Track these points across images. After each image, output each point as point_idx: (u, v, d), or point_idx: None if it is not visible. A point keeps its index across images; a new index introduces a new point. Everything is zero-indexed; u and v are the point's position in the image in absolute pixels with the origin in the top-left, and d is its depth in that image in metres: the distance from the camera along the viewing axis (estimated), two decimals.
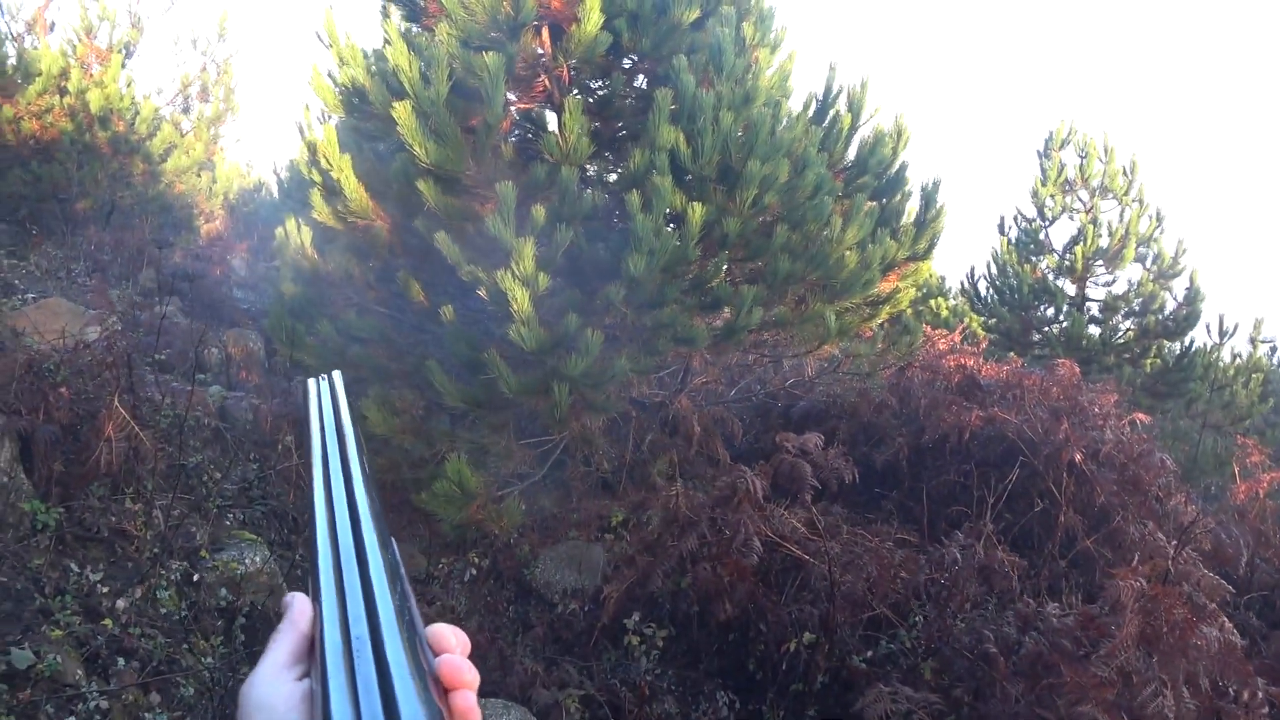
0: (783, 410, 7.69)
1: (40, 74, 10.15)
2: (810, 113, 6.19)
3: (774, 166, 5.10)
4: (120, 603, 4.44)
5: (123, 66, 10.87)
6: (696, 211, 4.70)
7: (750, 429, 7.40)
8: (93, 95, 10.23)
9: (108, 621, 4.28)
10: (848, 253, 5.71)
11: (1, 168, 10.24)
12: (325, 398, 1.01)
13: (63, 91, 10.29)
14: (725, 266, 5.31)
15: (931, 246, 6.40)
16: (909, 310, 6.95)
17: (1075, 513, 5.70)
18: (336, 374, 1.07)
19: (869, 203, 5.96)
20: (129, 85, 10.90)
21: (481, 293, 4.33)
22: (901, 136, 6.34)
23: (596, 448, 5.61)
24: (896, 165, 6.38)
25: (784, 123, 5.57)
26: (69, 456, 5.08)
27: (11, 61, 10.36)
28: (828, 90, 6.22)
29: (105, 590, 4.47)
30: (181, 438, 5.34)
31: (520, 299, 4.09)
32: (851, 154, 6.23)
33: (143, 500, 5.09)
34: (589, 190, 4.62)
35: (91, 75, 10.71)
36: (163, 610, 4.57)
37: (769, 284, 5.45)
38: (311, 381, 1.04)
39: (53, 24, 11.59)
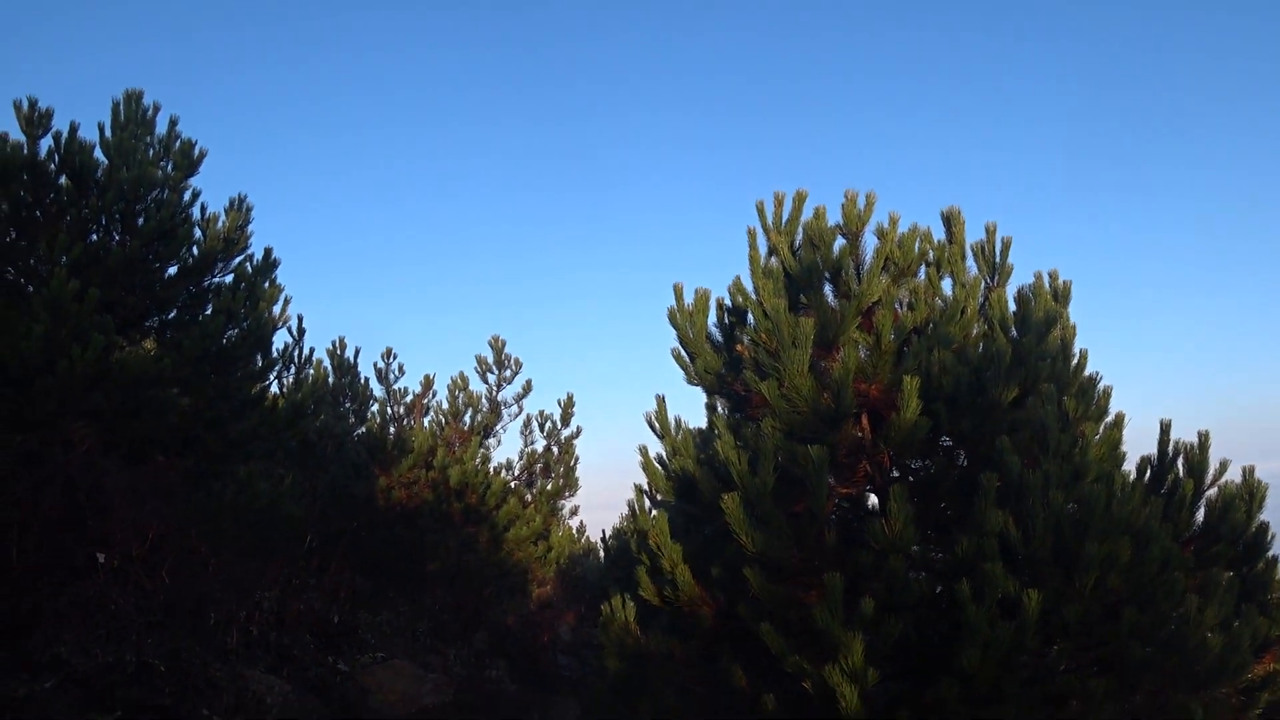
0: None
1: (413, 450, 11.86)
2: (1146, 479, 5.82)
3: (1113, 545, 4.77)
4: None
5: (480, 445, 12.50)
6: (1032, 598, 4.43)
7: None
8: (453, 471, 11.74)
9: None
10: (1209, 635, 5.05)
11: (371, 529, 11.78)
12: None
13: (428, 465, 11.91)
14: (1067, 656, 4.87)
15: None
16: None
17: None
18: None
19: (1226, 574, 5.35)
20: (484, 462, 12.46)
21: (806, 685, 4.23)
22: (1255, 495, 5.73)
23: None
24: (1254, 527, 5.73)
25: (1119, 495, 5.27)
26: None
27: (391, 439, 12.21)
28: (1162, 453, 5.88)
29: None
30: None
31: (849, 696, 3.94)
32: (1199, 520, 5.71)
33: None
34: (919, 576, 4.52)
35: (453, 452, 12.35)
36: None
37: (1119, 674, 4.90)
38: None
39: (428, 408, 13.70)
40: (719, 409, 5.92)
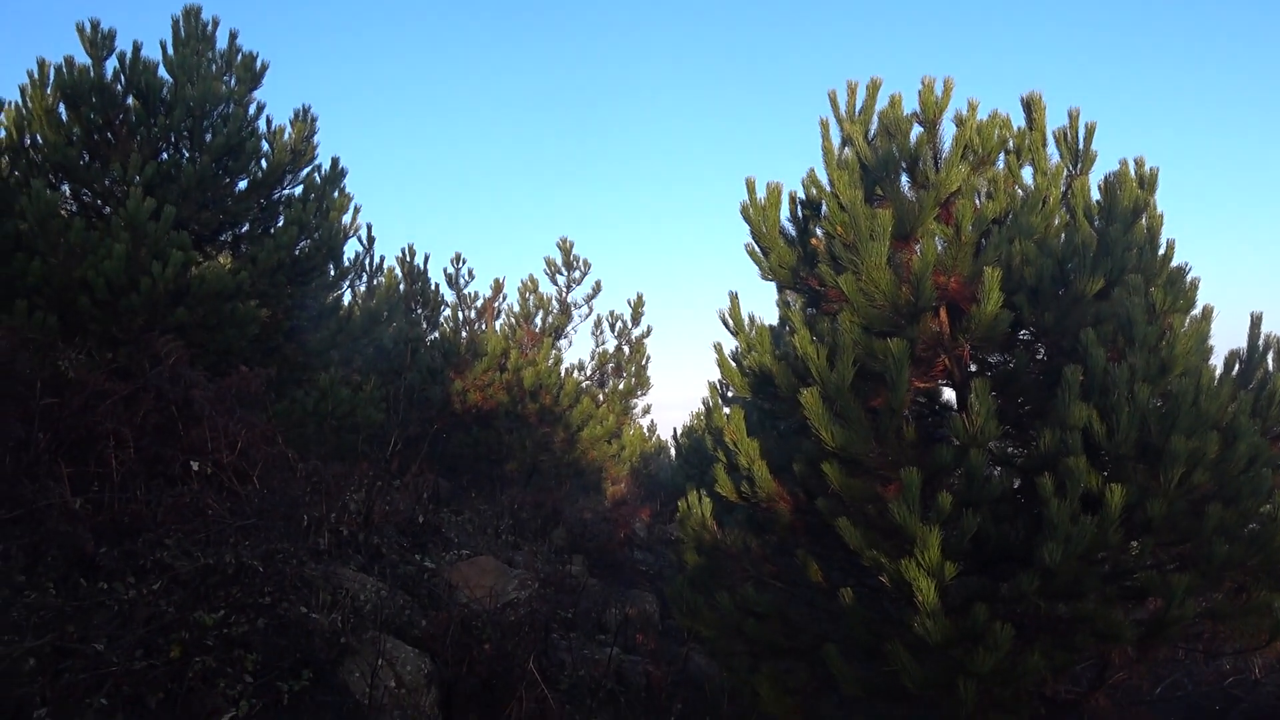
0: (1220, 713, 6.61)
1: (486, 354, 12.07)
2: (1234, 373, 5.65)
3: (1200, 440, 4.66)
4: None
5: (552, 347, 12.66)
6: (1116, 494, 4.36)
7: None
8: (526, 373, 11.95)
9: None
10: None
11: (449, 432, 12.10)
12: None
13: (502, 368, 12.13)
14: (1149, 552, 4.82)
15: None
16: None
17: None
18: None
19: None
20: (556, 363, 12.65)
21: (883, 579, 4.26)
22: None
23: None
24: None
25: (1207, 390, 5.12)
26: (484, 708, 5.50)
27: (464, 342, 12.42)
28: (1252, 347, 5.68)
29: None
30: (588, 704, 5.60)
31: (926, 590, 3.97)
32: None
33: None
34: (996, 471, 4.48)
35: (526, 354, 12.53)
36: None
37: (1202, 571, 4.84)
38: None
39: (499, 311, 13.87)
40: (792, 304, 5.85)
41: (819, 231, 5.68)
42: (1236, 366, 5.66)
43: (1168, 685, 6.86)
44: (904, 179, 5.44)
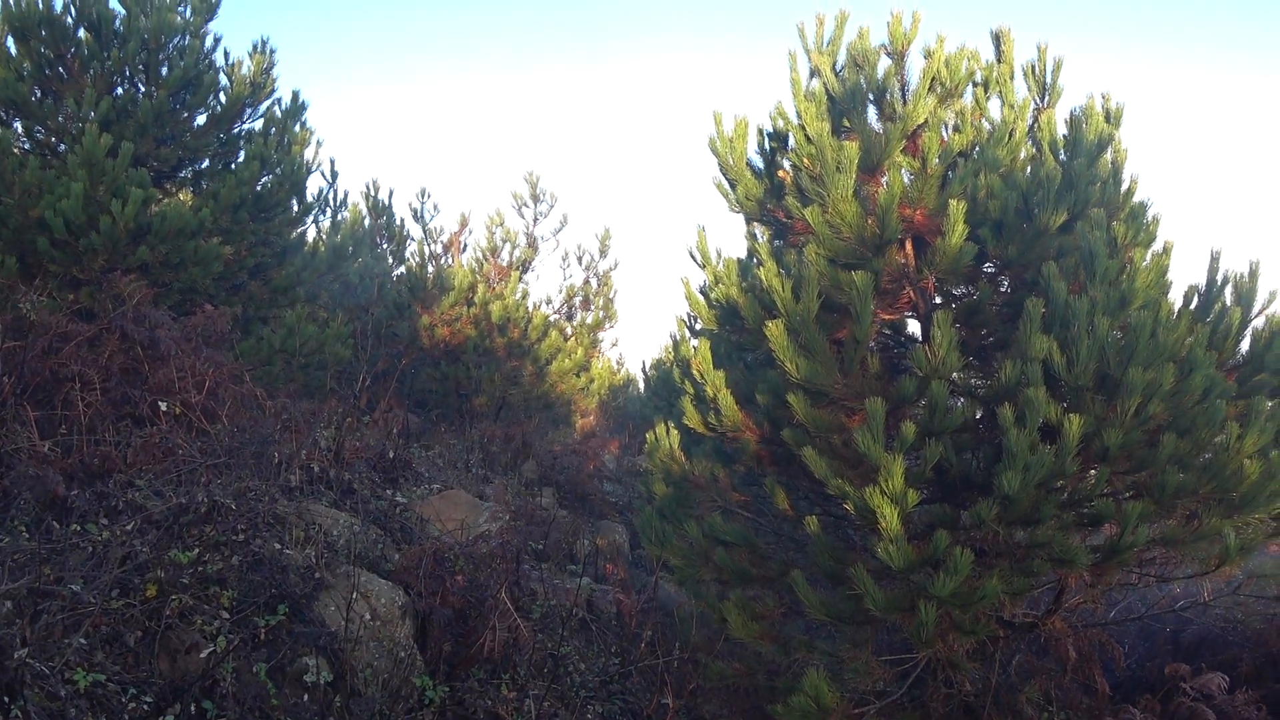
0: (1171, 634, 6.86)
1: (453, 288, 12.01)
2: (1192, 307, 5.77)
3: (1157, 371, 4.77)
4: None
5: (520, 281, 12.61)
6: (1074, 423, 4.48)
7: (1132, 653, 6.65)
8: (494, 306, 11.91)
9: None
10: (1247, 461, 5.11)
11: (417, 367, 12.09)
12: None
13: (469, 303, 12.09)
14: (1106, 480, 4.96)
15: None
16: None
17: None
18: None
19: (1269, 403, 5.35)
20: (523, 297, 12.62)
21: (848, 507, 4.37)
22: None
23: (961, 669, 5.29)
24: None
25: (1165, 323, 5.23)
26: (458, 639, 5.61)
27: (431, 277, 12.34)
28: (1210, 281, 5.79)
29: None
30: (559, 632, 5.72)
31: (889, 517, 4.08)
32: (1244, 349, 5.68)
33: (517, 688, 5.47)
34: (958, 402, 4.57)
35: (493, 289, 12.48)
36: None
37: (1156, 499, 4.99)
38: None
39: (465, 245, 13.76)
40: (759, 237, 5.88)
41: (786, 164, 5.68)
42: (1195, 300, 5.77)
43: (1122, 609, 7.10)
44: (871, 111, 5.44)
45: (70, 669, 3.99)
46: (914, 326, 5.90)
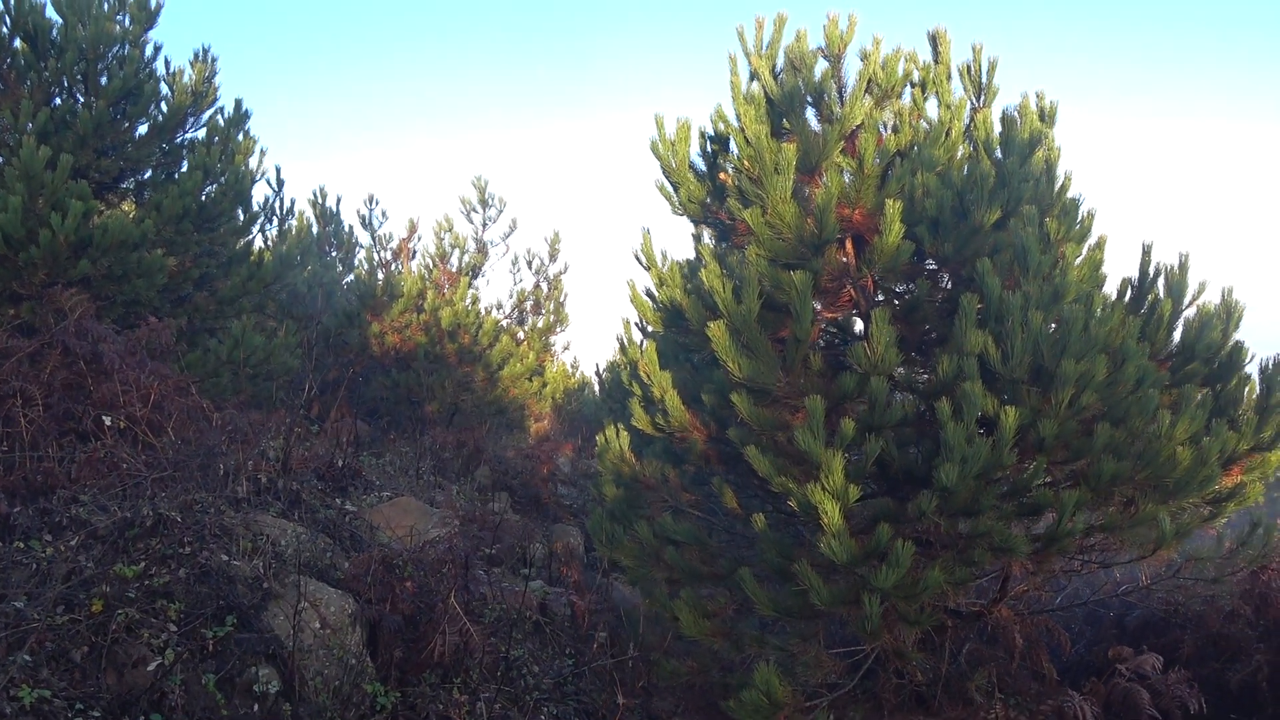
0: (1116, 619, 7.03)
1: (403, 295, 11.94)
2: (1126, 300, 5.92)
3: (1090, 363, 4.89)
4: None
5: (470, 286, 12.56)
6: (1010, 416, 4.59)
7: (1079, 638, 6.80)
8: (444, 312, 11.86)
9: None
10: (1180, 448, 5.25)
11: (368, 375, 11.99)
12: None
13: (419, 309, 12.02)
14: (1043, 471, 5.08)
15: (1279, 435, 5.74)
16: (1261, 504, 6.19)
17: None
18: None
19: (1200, 391, 5.51)
20: (474, 302, 12.57)
21: (792, 503, 4.43)
22: (1233, 315, 5.85)
23: (909, 659, 5.38)
24: (1229, 347, 5.87)
25: (1098, 315, 5.37)
26: (408, 644, 5.59)
27: (380, 284, 12.26)
28: (1143, 274, 5.95)
29: None
30: (510, 635, 5.73)
31: (830, 512, 4.15)
32: (1176, 339, 5.84)
33: (468, 692, 5.47)
34: (898, 397, 4.66)
35: (443, 295, 12.42)
36: None
37: (1093, 487, 5.12)
38: None
39: (414, 252, 13.68)
40: (705, 239, 5.94)
41: (728, 167, 5.75)
42: (1129, 293, 5.93)
43: (1068, 595, 7.26)
44: (810, 113, 5.52)
45: (15, 686, 3.94)
46: (859, 325, 5.99)
